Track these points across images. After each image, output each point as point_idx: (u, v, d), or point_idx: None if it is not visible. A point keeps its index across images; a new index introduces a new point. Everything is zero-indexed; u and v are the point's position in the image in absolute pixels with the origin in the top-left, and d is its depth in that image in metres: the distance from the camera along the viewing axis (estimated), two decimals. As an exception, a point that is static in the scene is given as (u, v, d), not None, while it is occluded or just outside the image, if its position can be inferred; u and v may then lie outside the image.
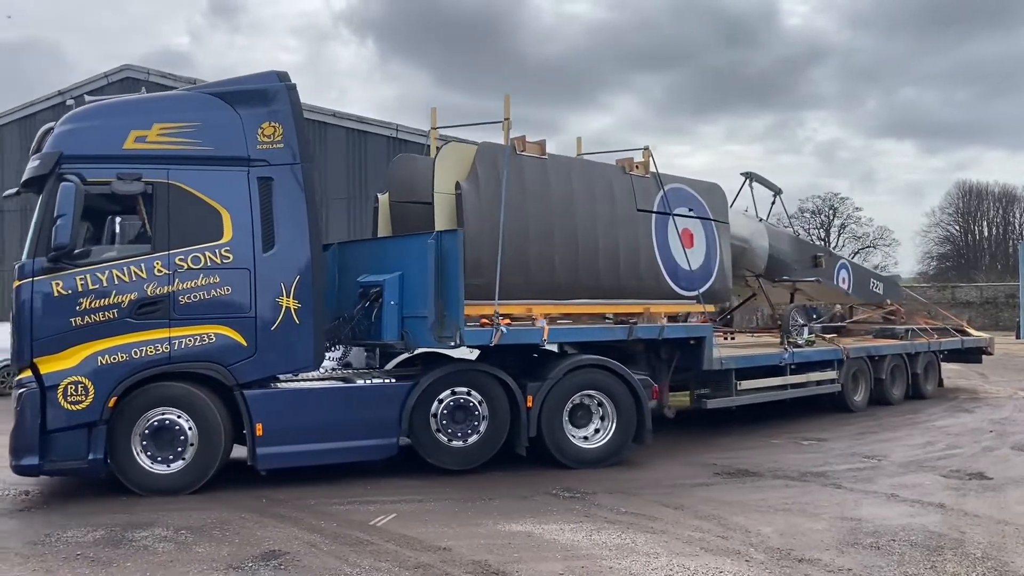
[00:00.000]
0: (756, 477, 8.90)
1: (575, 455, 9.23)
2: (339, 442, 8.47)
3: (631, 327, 9.98)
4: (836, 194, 69.83)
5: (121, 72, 23.53)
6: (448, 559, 5.99)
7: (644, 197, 10.64)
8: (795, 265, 14.32)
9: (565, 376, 9.22)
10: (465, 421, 8.90)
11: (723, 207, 11.87)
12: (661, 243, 10.69)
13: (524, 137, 9.64)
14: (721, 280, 11.52)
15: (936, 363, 16.27)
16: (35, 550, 6.27)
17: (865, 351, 14.30)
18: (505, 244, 8.85)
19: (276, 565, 5.89)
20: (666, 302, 10.74)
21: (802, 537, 6.51)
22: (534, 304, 9.39)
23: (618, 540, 6.45)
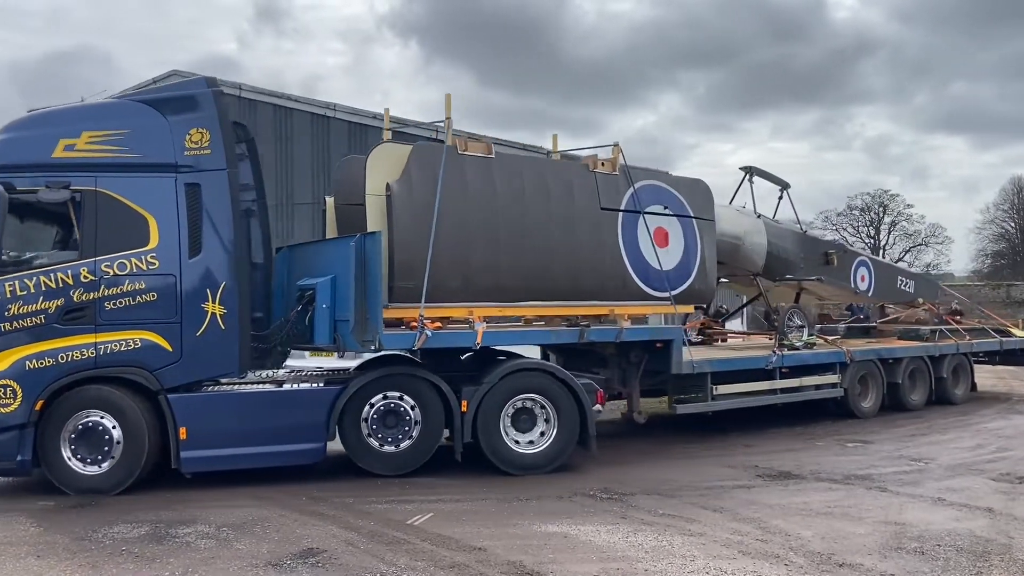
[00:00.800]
0: (798, 479, 8.75)
1: (513, 460, 9.02)
2: (265, 446, 8.49)
3: (582, 330, 9.66)
4: (886, 191, 68.48)
5: (169, 78, 24.00)
6: (483, 559, 6.00)
7: (610, 195, 10.21)
8: (801, 263, 13.59)
9: (501, 381, 9.03)
10: (397, 426, 8.82)
11: (707, 204, 11.27)
12: (629, 242, 10.23)
13: (465, 137, 9.45)
14: (702, 280, 10.94)
15: (967, 366, 15.28)
16: (82, 545, 6.44)
17: (875, 353, 13.55)
18: (441, 246, 8.71)
19: (314, 563, 5.96)
20: (634, 303, 10.27)
21: (844, 541, 6.39)
22: (477, 307, 9.21)
23: (655, 542, 6.40)
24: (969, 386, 15.32)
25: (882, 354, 13.65)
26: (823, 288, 14.50)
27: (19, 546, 6.43)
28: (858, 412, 13.10)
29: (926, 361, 14.25)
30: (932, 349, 14.39)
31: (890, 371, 13.66)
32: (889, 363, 13.68)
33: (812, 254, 13.88)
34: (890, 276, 15.68)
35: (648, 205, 10.49)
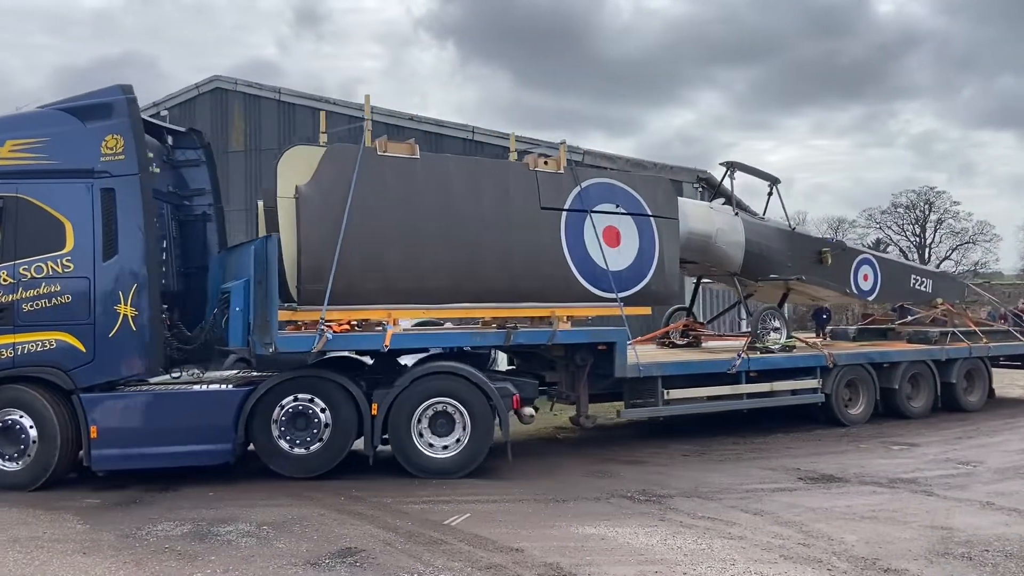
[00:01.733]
0: (841, 483, 8.59)
1: (423, 464, 8.91)
2: (174, 446, 8.59)
3: (509, 332, 9.46)
4: (932, 188, 67.15)
5: (211, 83, 24.44)
6: (520, 560, 5.99)
7: (553, 194, 9.92)
8: (788, 262, 12.89)
9: (412, 384, 8.94)
10: (307, 428, 8.81)
11: (668, 202, 10.86)
12: (573, 243, 9.91)
13: (385, 138, 9.33)
14: (660, 281, 10.49)
15: (984, 370, 14.13)
16: (126, 543, 6.57)
17: (865, 357, 12.77)
18: (356, 248, 8.67)
19: (352, 562, 6.00)
20: (576, 305, 9.96)
21: (889, 546, 6.25)
22: (398, 309, 9.16)
23: (693, 545, 6.33)
24: (986, 392, 14.21)
25: (873, 358, 12.89)
26: (811, 288, 13.70)
27: (66, 543, 6.58)
28: (843, 419, 12.29)
29: (930, 365, 13.31)
30: (937, 353, 13.46)
31: (885, 375, 12.86)
32: (884, 367, 12.89)
33: (803, 252, 13.22)
34: (900, 275, 14.84)
35: (598, 204, 10.17)
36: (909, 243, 68.73)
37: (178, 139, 10.46)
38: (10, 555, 6.24)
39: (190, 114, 24.51)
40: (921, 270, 15.58)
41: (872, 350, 13.31)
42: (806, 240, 13.78)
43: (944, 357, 13.43)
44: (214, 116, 24.27)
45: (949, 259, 66.04)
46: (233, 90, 24.19)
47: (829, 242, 14.32)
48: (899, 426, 12.37)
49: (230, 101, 24.19)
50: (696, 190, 19.77)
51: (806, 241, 13.73)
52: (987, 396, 14.23)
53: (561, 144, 10.34)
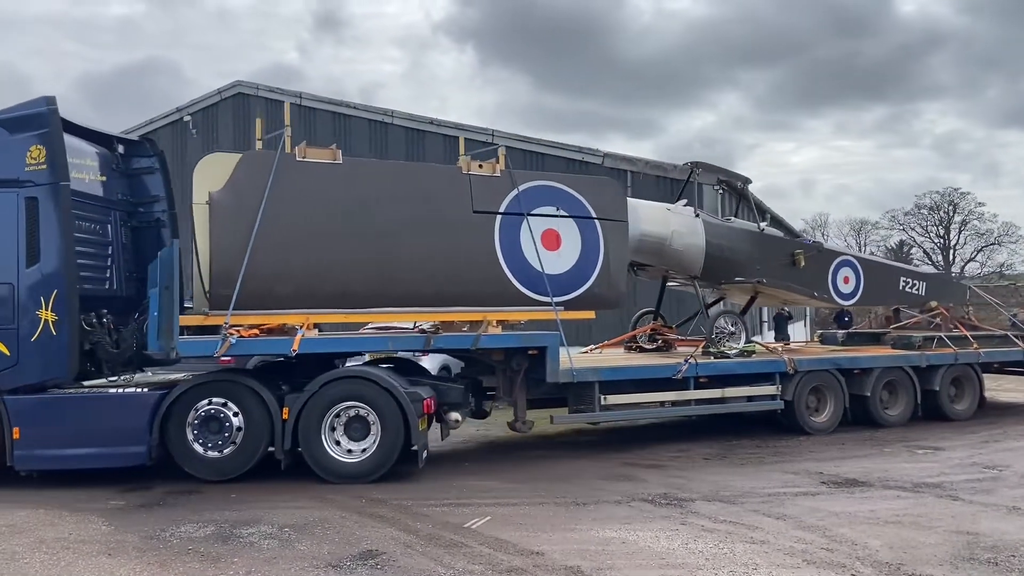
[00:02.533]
0: (865, 487, 8.51)
1: (333, 468, 8.87)
2: (93, 448, 8.77)
3: (429, 337, 9.45)
4: (956, 189, 66.39)
5: (233, 88, 24.68)
6: (541, 564, 5.98)
7: (488, 198, 9.87)
8: (756, 264, 12.39)
9: (322, 388, 8.92)
10: (220, 432, 8.88)
11: (616, 204, 10.72)
12: (508, 246, 9.85)
13: (305, 143, 9.39)
14: (605, 284, 10.34)
15: (974, 377, 13.43)
16: (151, 544, 6.63)
17: (832, 363, 12.26)
18: (270, 253, 8.80)
19: (373, 565, 6.02)
20: (510, 309, 9.90)
21: (913, 551, 6.18)
22: (316, 313, 9.19)
23: (715, 549, 6.29)
24: (976, 400, 13.48)
25: (841, 363, 12.34)
26: (778, 292, 13.09)
27: (91, 544, 6.65)
28: (806, 427, 11.84)
29: (908, 371, 12.73)
30: (916, 358, 12.86)
31: (856, 382, 12.34)
32: (854, 373, 12.37)
33: (773, 255, 12.71)
34: (887, 277, 14.13)
35: (537, 207, 10.10)
36: (933, 245, 68.00)
37: (132, 148, 10.69)
38: (36, 556, 6.33)
39: (213, 119, 24.78)
40: (913, 272, 14.84)
41: (840, 355, 12.83)
42: (777, 242, 13.24)
43: (925, 363, 12.86)
44: (236, 121, 24.51)
45: (974, 261, 65.24)
46: (255, 95, 24.41)
47: (803, 243, 13.71)
48: (924, 430, 12.24)
49: (252, 106, 24.39)
50: (717, 192, 19.68)
51: (777, 243, 13.19)
52: (978, 405, 13.48)
53: (500, 147, 10.34)
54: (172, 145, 24.82)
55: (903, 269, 14.80)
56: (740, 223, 13.02)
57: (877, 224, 73.17)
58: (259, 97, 24.21)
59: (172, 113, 25.14)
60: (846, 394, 12.16)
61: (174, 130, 24.92)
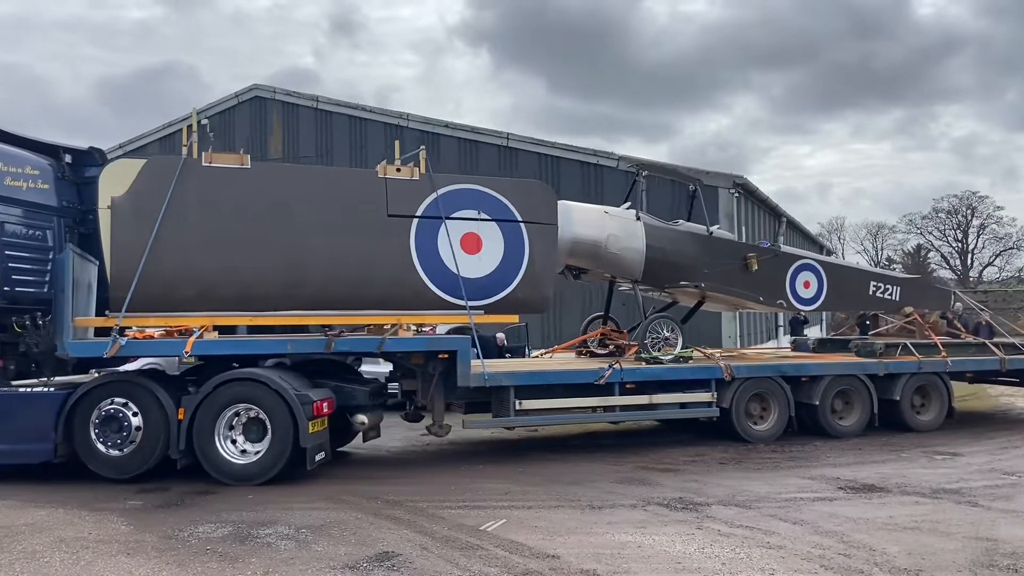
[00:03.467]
0: (883, 493, 8.45)
1: (224, 469, 8.99)
2: (1, 444, 9.00)
3: (330, 340, 9.48)
4: (974, 193, 65.89)
5: (250, 92, 24.85)
6: (556, 567, 5.98)
7: (405, 202, 9.91)
8: (705, 268, 12.10)
9: (215, 390, 9.04)
10: (120, 431, 9.04)
11: (544, 207, 10.59)
12: (424, 249, 9.89)
13: (211, 149, 9.54)
14: (529, 288, 10.25)
15: (941, 388, 12.73)
16: (169, 544, 6.69)
17: (774, 370, 11.83)
18: (172, 257, 9.05)
19: (389, 566, 6.04)
20: (423, 313, 9.97)
21: (932, 557, 6.14)
22: (220, 316, 9.31)
23: (731, 554, 6.27)
24: (944, 411, 12.76)
25: (785, 370, 11.90)
26: (722, 296, 12.70)
27: (110, 543, 6.71)
28: (745, 435, 11.50)
29: (865, 380, 12.21)
30: (872, 366, 12.31)
31: (804, 390, 11.93)
32: (800, 381, 11.95)
33: (723, 258, 12.34)
34: (854, 282, 13.54)
35: (457, 210, 10.10)
36: (951, 249, 67.51)
37: (80, 157, 10.89)
38: (57, 555, 6.39)
39: (230, 122, 24.95)
40: (885, 276, 14.09)
41: (785, 362, 12.39)
42: (727, 245, 12.79)
43: (883, 372, 12.29)
44: (253, 124, 24.68)
45: (993, 265, 64.73)
46: (272, 99, 24.58)
47: (757, 247, 13.16)
48: (942, 436, 12.15)
49: (268, 109, 24.58)
50: (733, 196, 19.64)
51: (727, 246, 12.75)
52: (946, 415, 12.79)
53: (421, 149, 10.35)
54: (190, 148, 25.00)
55: (873, 273, 14.21)
56: (689, 226, 12.58)
57: (894, 228, 72.80)
58: (276, 101, 24.38)
59: (190, 116, 25.31)
60: (791, 402, 11.75)
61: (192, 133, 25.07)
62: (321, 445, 9.28)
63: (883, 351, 12.61)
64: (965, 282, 61.84)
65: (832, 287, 13.04)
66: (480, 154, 21.97)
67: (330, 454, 9.52)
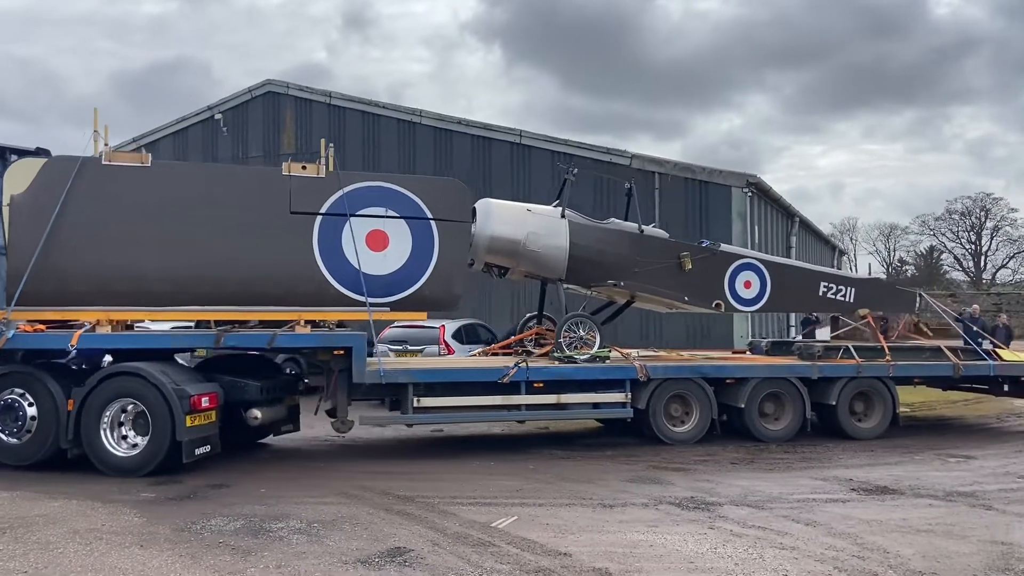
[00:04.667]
0: (896, 495, 8.41)
1: (107, 461, 9.16)
2: None
3: (219, 335, 9.63)
4: (988, 194, 65.54)
5: (263, 87, 24.91)
6: (568, 564, 5.97)
7: (308, 199, 10.00)
8: (635, 267, 11.83)
9: (100, 383, 9.20)
10: (17, 420, 9.33)
11: (456, 205, 10.63)
12: (327, 246, 9.97)
13: (109, 148, 9.73)
14: (438, 285, 10.32)
15: (885, 393, 12.14)
16: (182, 536, 6.71)
17: (695, 371, 11.55)
18: (67, 253, 9.32)
19: (401, 561, 6.05)
20: (321, 309, 10.05)
21: (947, 560, 6.10)
22: (115, 311, 9.55)
23: (744, 554, 6.24)
24: (888, 418, 12.16)
25: (707, 372, 11.61)
26: (652, 298, 12.43)
27: (124, 535, 6.74)
28: (663, 436, 11.26)
29: (797, 384, 11.77)
30: (804, 369, 11.89)
31: (730, 392, 11.65)
32: (727, 383, 11.72)
33: (654, 257, 12.01)
34: (802, 282, 13.03)
35: (365, 208, 10.17)
36: (964, 251, 67.13)
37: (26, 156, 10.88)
38: (71, 546, 6.42)
39: (243, 117, 25.02)
40: (839, 277, 13.45)
41: (706, 364, 12.04)
42: (659, 244, 12.42)
43: (816, 375, 11.86)
44: (266, 119, 24.74)
45: (1006, 268, 64.33)
46: (285, 94, 24.63)
47: (691, 246, 12.78)
48: (955, 438, 12.10)
49: (282, 105, 24.63)
50: (746, 195, 19.56)
51: (659, 245, 12.38)
52: (890, 422, 12.18)
53: (328, 146, 10.36)
54: (204, 143, 25.13)
55: (825, 274, 13.55)
56: (620, 224, 12.38)
57: (907, 229, 72.43)
58: (289, 96, 24.43)
59: (203, 111, 25.42)
60: (713, 404, 11.45)
61: (205, 128, 25.19)
62: (205, 439, 9.33)
63: (821, 354, 12.29)
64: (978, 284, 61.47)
65: (776, 287, 12.60)
66: (493, 151, 21.96)
67: (218, 447, 9.55)
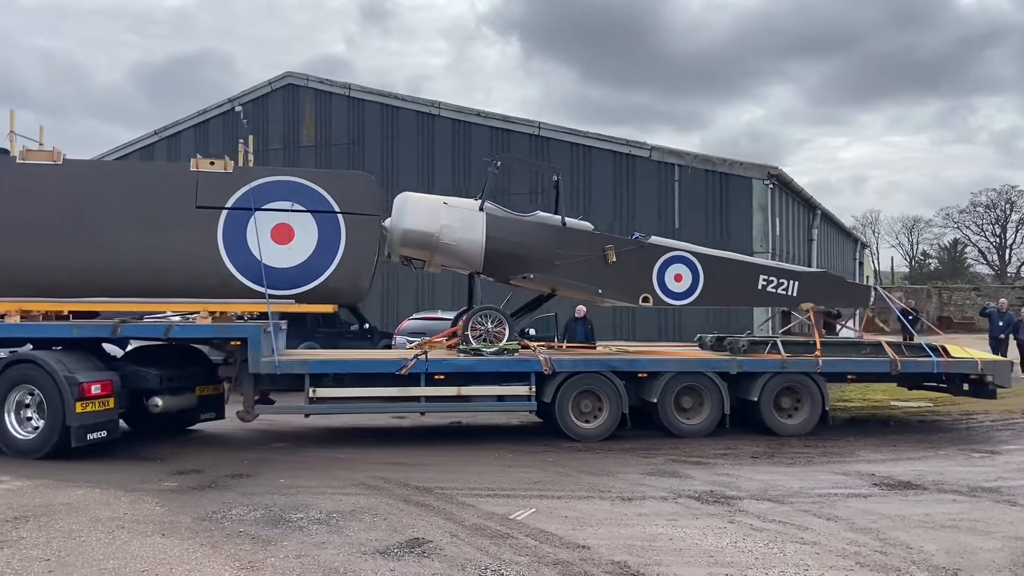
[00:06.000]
0: (919, 490, 8.31)
1: (12, 445, 9.67)
2: None
3: (116, 325, 10.18)
4: (1013, 187, 64.71)
5: (283, 79, 25.00)
6: (587, 557, 5.95)
7: (215, 194, 10.27)
8: (555, 260, 11.67)
9: (5, 369, 9.76)
10: None
11: (366, 199, 10.75)
12: (232, 240, 10.21)
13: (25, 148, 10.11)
14: (343, 278, 10.47)
15: (814, 389, 11.66)
16: (203, 526, 6.76)
17: (603, 364, 11.34)
18: None
19: (420, 552, 6.06)
20: (223, 301, 10.36)
21: (971, 556, 6.02)
22: (26, 302, 10.09)
23: (764, 549, 6.20)
24: (816, 414, 11.70)
25: (617, 366, 11.37)
26: (566, 291, 12.19)
27: (145, 524, 6.80)
28: (570, 431, 11.11)
29: (714, 379, 11.45)
30: (723, 364, 11.59)
31: (644, 387, 11.48)
32: (639, 377, 11.52)
33: (577, 250, 11.81)
34: (739, 276, 12.49)
35: (270, 202, 10.37)
36: (988, 244, 66.35)
37: None
38: (93, 534, 6.49)
39: (263, 110, 25.12)
40: (780, 270, 12.82)
41: (617, 357, 11.77)
42: (582, 236, 12.13)
43: (735, 369, 11.52)
44: (286, 111, 24.83)
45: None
46: (304, 86, 24.72)
47: (617, 238, 12.49)
48: (980, 433, 11.93)
49: (301, 97, 24.71)
50: (767, 187, 19.40)
51: (582, 237, 12.09)
52: (819, 419, 11.72)
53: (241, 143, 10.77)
54: (224, 135, 25.26)
55: (764, 267, 12.91)
56: (543, 217, 12.15)
57: (931, 222, 71.81)
58: (309, 88, 24.51)
59: (224, 103, 25.56)
60: (624, 399, 11.21)
61: (226, 121, 25.33)
62: (100, 425, 9.76)
63: (746, 348, 12.07)
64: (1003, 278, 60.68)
65: (710, 281, 12.21)
66: (512, 143, 21.91)
67: (117, 433, 10.07)
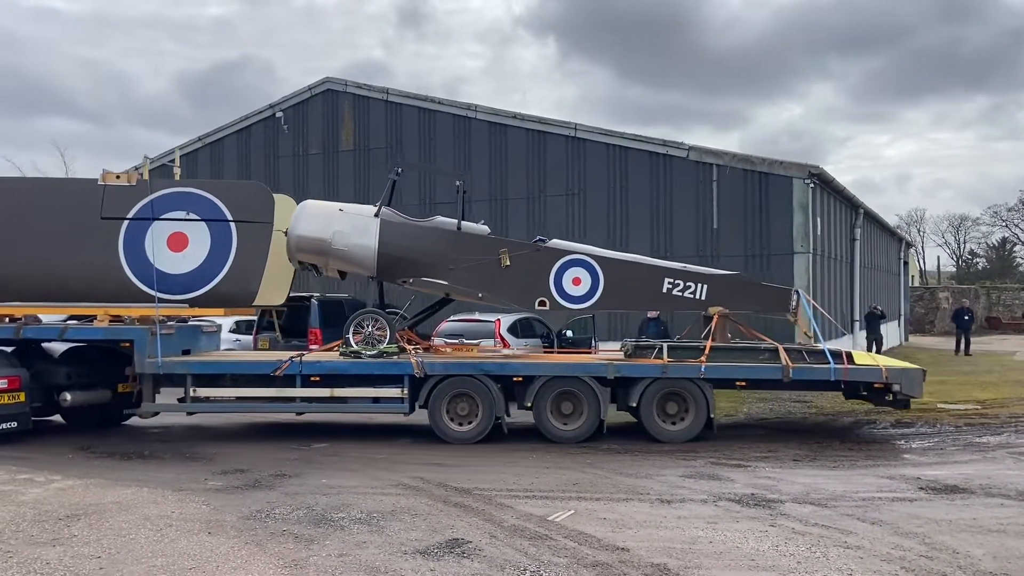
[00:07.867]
0: (966, 494, 8.15)
1: None
2: None
3: (19, 327, 11.23)
4: (1064, 183, 62.69)
5: (323, 85, 25.29)
6: (626, 560, 5.95)
7: (119, 205, 11.37)
8: (450, 264, 11.72)
9: None
10: None
11: (258, 207, 11.73)
12: (131, 248, 11.30)
13: None
14: (234, 283, 11.47)
15: (699, 395, 11.24)
16: (247, 525, 6.89)
17: (475, 368, 11.32)
18: None
19: (460, 553, 6.10)
20: (118, 305, 11.32)
21: (1019, 561, 5.89)
22: None
23: (807, 552, 6.13)
24: (701, 421, 11.30)
25: (489, 369, 11.33)
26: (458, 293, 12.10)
27: (192, 522, 6.96)
28: (443, 435, 11.22)
29: (591, 383, 11.25)
30: (598, 368, 11.39)
31: (518, 390, 11.46)
32: (514, 381, 11.46)
33: (472, 254, 11.84)
34: (642, 279, 12.09)
35: (169, 212, 11.43)
36: (1037, 242, 64.51)
37: None
38: (142, 532, 6.66)
39: (303, 115, 25.45)
40: (687, 273, 12.27)
41: (489, 361, 11.71)
42: (477, 241, 12.11)
43: (612, 374, 11.31)
44: (325, 116, 25.11)
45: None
46: (343, 91, 24.97)
47: (513, 242, 12.52)
48: (1029, 436, 11.63)
49: (340, 102, 24.97)
50: (808, 186, 19.15)
51: (477, 242, 12.07)
52: (704, 426, 11.35)
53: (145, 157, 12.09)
54: (266, 140, 25.65)
55: (670, 270, 12.38)
56: (439, 222, 12.19)
57: (978, 220, 70.18)
58: (347, 93, 24.76)
59: (265, 109, 25.93)
60: (499, 402, 11.21)
61: (266, 126, 25.70)
62: (10, 416, 10.77)
63: (631, 352, 11.95)
64: (1053, 277, 58.96)
65: (611, 284, 11.95)
66: (548, 145, 21.91)
67: (27, 424, 11.05)
